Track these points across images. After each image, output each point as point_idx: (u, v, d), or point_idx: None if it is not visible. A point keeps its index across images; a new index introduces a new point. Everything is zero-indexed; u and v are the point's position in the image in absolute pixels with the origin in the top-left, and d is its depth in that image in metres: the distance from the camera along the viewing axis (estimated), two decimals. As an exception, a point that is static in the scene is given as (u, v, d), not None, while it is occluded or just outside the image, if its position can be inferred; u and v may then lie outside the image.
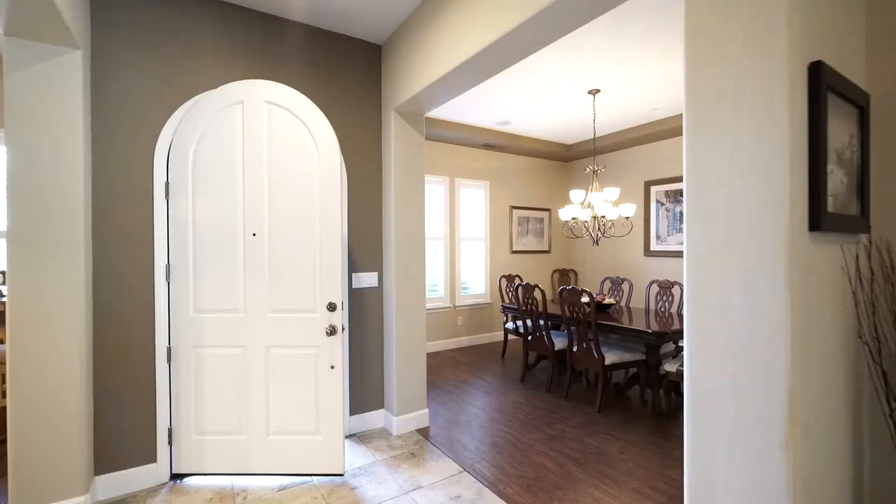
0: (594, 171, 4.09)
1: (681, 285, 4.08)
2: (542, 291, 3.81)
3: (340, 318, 2.34)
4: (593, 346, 3.46)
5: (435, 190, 5.44)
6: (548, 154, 6.17)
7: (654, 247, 5.53)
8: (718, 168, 1.15)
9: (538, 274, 6.42)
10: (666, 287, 4.22)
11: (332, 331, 2.31)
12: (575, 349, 3.66)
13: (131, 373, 2.25)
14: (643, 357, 3.52)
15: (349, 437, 2.91)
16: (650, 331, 3.14)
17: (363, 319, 3.01)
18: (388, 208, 3.01)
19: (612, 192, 3.86)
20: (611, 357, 3.42)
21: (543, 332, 3.99)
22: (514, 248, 6.16)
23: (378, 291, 3.07)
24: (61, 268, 1.95)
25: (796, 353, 1.03)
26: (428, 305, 5.34)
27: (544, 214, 6.51)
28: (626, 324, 3.42)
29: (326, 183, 2.33)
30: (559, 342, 3.97)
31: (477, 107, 4.52)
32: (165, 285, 2.34)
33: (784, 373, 1.03)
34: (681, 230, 5.22)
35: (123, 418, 2.23)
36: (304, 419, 2.35)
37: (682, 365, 3.10)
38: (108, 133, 2.21)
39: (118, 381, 2.22)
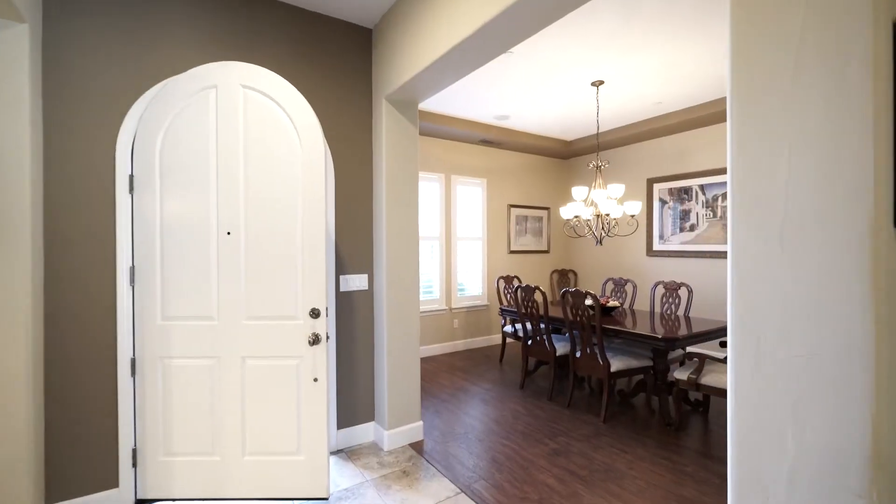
0: (597, 167, 3.89)
1: (688, 287, 3.89)
2: (543, 294, 3.60)
3: (325, 326, 2.12)
4: (598, 352, 3.25)
5: (430, 187, 5.22)
6: (546, 151, 5.97)
7: (656, 246, 5.34)
8: (774, 156, 0.94)
9: (537, 275, 6.22)
10: (672, 288, 4.03)
11: (315, 340, 2.08)
12: (578, 355, 3.46)
13: (90, 387, 2.01)
14: (650, 363, 3.32)
15: (336, 453, 2.69)
16: (660, 336, 2.94)
17: (352, 325, 2.79)
18: (379, 205, 2.79)
19: (617, 188, 3.66)
20: (617, 364, 3.22)
21: (544, 337, 3.78)
22: (513, 248, 5.95)
23: (368, 294, 2.85)
24: (2, 269, 1.72)
25: (882, 375, 0.82)
26: (423, 308, 5.13)
27: (543, 213, 6.31)
28: (633, 328, 3.22)
29: (309, 176, 2.11)
30: (561, 347, 3.76)
31: (474, 101, 4.30)
32: (130, 290, 2.10)
33: (865, 399, 0.82)
34: (684, 229, 5.03)
35: (81, 438, 2.00)
36: (285, 438, 2.12)
37: (693, 372, 2.91)
38: (63, 120, 1.97)
39: (75, 397, 1.99)
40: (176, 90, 2.08)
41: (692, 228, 4.98)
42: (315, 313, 2.10)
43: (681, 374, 2.99)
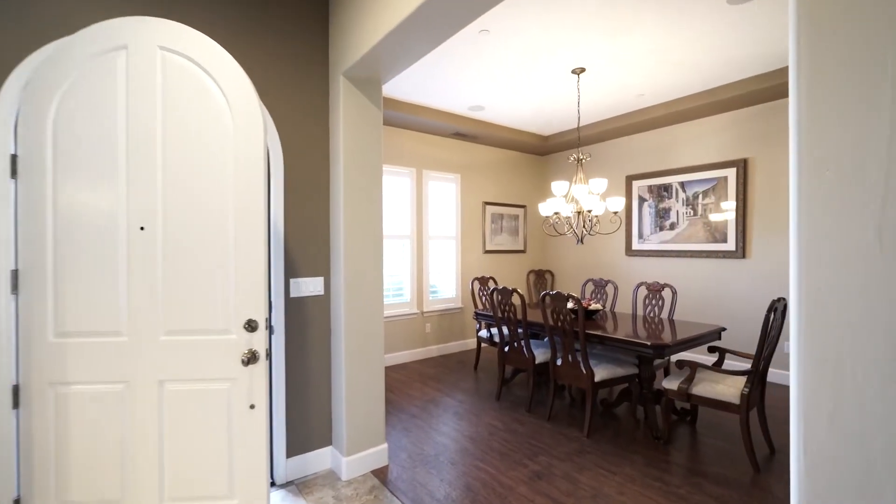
0: (579, 161, 3.64)
1: (672, 288, 3.69)
2: (521, 296, 3.32)
3: (265, 340, 1.75)
4: (581, 360, 2.99)
5: (400, 182, 4.87)
6: (523, 146, 5.71)
7: (636, 246, 5.16)
8: (867, 145, 0.66)
9: (513, 275, 5.96)
10: (655, 290, 3.82)
11: (251, 358, 1.71)
12: (559, 362, 3.19)
13: (-43, 424, 1.58)
14: (636, 371, 3.09)
15: (285, 485, 2.32)
16: (648, 343, 2.69)
17: (305, 336, 2.42)
18: (336, 198, 2.44)
19: (600, 183, 3.41)
20: (601, 372, 2.97)
21: (522, 343, 3.50)
22: (488, 248, 5.67)
23: (324, 300, 2.49)
24: None
25: None
26: (393, 312, 4.77)
27: (519, 211, 6.06)
28: (617, 333, 2.97)
29: (245, 161, 1.73)
30: (540, 354, 3.49)
31: (446, 89, 3.98)
32: (12, 299, 1.68)
33: None
34: (664, 228, 4.87)
35: (-57, 490, 1.56)
36: (213, 477, 1.74)
37: (683, 381, 2.68)
38: (-84, 82, 1.54)
39: (-65, 438, 1.55)
40: (73, 52, 1.66)
41: (672, 227, 4.82)
42: (252, 326, 1.73)
43: (670, 384, 2.75)
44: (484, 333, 4.40)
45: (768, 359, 2.56)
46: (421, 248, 5.01)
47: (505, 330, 4.22)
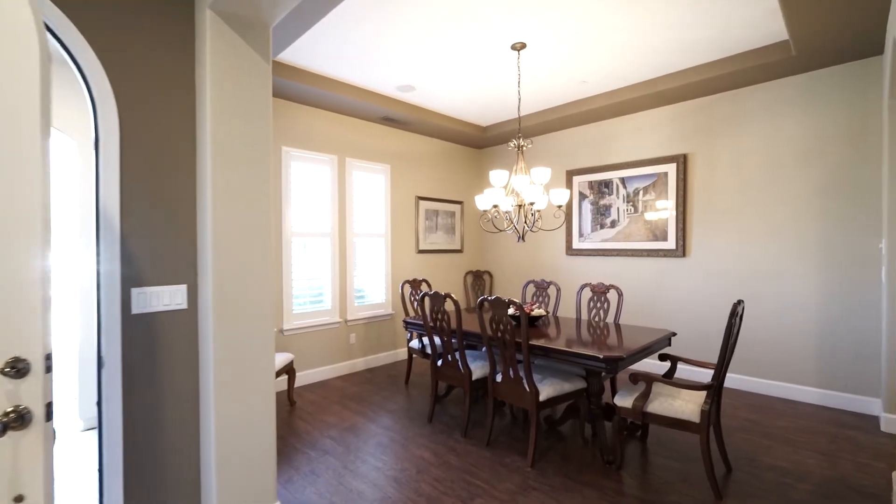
0: (519, 148, 3.23)
1: (617, 289, 3.41)
2: (456, 302, 2.84)
3: (41, 389, 1.09)
4: (524, 376, 2.57)
5: (318, 171, 4.21)
6: (460, 137, 5.27)
7: (576, 244, 4.91)
8: None
9: (449, 277, 5.50)
10: (600, 292, 3.52)
11: (16, 420, 1.05)
12: (499, 378, 2.75)
13: None
14: (584, 385, 2.72)
15: (121, 583, 1.63)
16: (601, 357, 2.32)
17: (157, 366, 1.75)
18: (203, 178, 1.79)
19: (542, 173, 3.03)
20: (546, 389, 2.56)
21: (457, 355, 3.03)
22: (421, 247, 5.16)
23: (188, 316, 1.83)
24: None
25: None
26: (310, 322, 4.10)
27: (456, 208, 5.62)
28: (566, 345, 2.58)
29: (7, 109, 1.06)
30: (477, 368, 3.03)
31: (372, 65, 3.42)
32: None
33: None
34: (604, 226, 4.65)
35: None
36: None
37: (638, 398, 2.34)
38: None
39: None
40: None
41: (613, 225, 4.61)
42: (17, 369, 1.06)
43: (623, 401, 2.40)
44: (415, 344, 3.88)
45: (727, 367, 2.28)
46: (344, 248, 4.38)
47: (438, 340, 3.74)
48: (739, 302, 2.24)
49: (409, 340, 4.00)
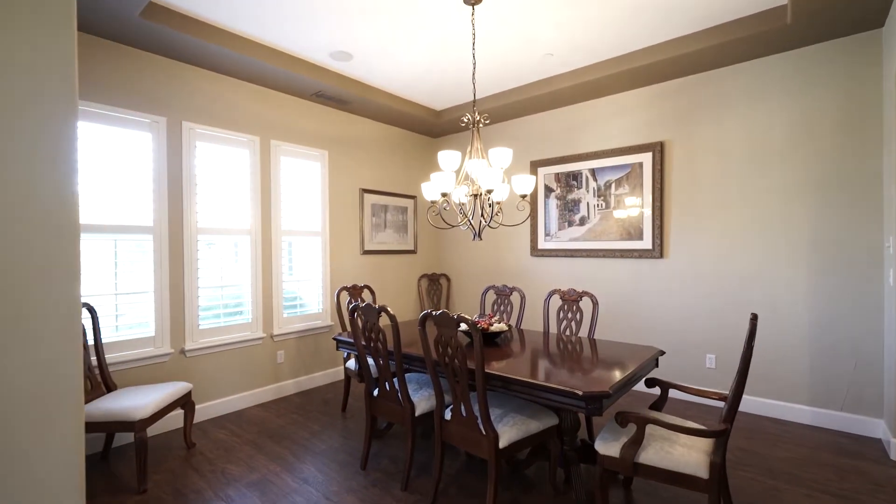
0: (475, 124, 2.63)
1: (592, 297, 2.87)
2: (392, 316, 2.20)
3: None
4: (479, 416, 1.96)
5: (234, 154, 3.45)
6: (412, 122, 4.63)
7: (542, 244, 4.38)
8: None
9: (400, 280, 4.84)
10: (572, 300, 2.98)
11: None
12: (448, 416, 2.13)
13: None
14: (555, 421, 2.14)
15: None
16: (581, 394, 1.73)
17: None
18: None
19: (503, 154, 2.43)
20: (508, 432, 1.95)
21: (396, 385, 2.38)
22: (367, 248, 4.47)
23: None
24: None
25: None
26: (224, 338, 3.33)
27: (408, 203, 4.97)
28: (532, 374, 1.99)
29: None
30: (422, 400, 2.39)
31: (298, 24, 2.72)
32: None
33: None
34: (573, 223, 4.14)
35: None
36: None
37: (630, 443, 1.77)
38: None
39: None
40: None
41: (582, 222, 4.10)
42: None
43: (606, 447, 1.83)
44: (352, 365, 3.20)
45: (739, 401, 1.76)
46: (269, 248, 3.64)
47: (374, 363, 3.07)
48: (755, 317, 1.72)
49: (346, 360, 3.31)
